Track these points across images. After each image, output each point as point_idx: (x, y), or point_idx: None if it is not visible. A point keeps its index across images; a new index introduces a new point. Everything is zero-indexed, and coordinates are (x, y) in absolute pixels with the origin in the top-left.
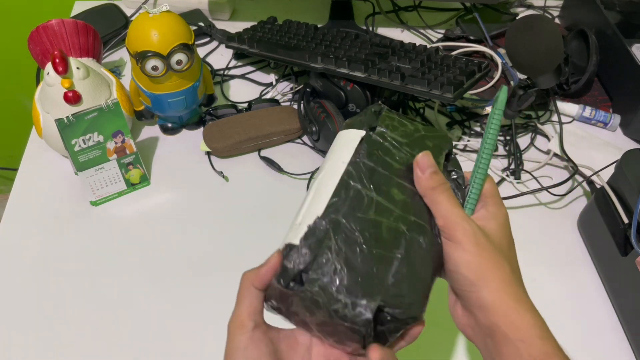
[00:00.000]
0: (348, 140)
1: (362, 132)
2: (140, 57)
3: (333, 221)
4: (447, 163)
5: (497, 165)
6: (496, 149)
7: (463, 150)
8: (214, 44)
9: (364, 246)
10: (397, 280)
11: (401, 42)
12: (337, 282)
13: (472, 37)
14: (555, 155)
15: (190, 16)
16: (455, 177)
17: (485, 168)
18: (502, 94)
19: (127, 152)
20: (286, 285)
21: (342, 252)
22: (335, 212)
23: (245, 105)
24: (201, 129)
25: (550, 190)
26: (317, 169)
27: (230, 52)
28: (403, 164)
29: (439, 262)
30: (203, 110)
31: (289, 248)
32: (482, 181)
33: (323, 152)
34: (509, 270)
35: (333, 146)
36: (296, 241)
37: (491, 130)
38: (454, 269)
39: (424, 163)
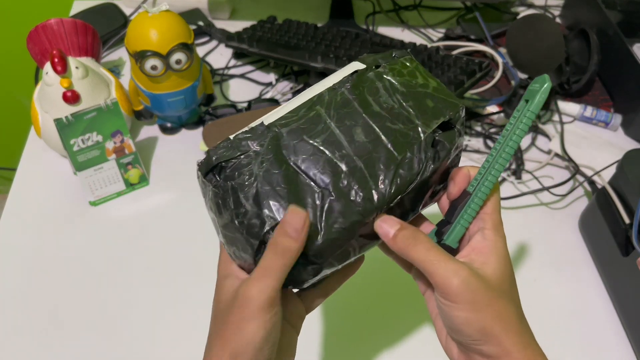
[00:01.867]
0: (345, 70)
1: (362, 66)
2: (139, 57)
3: (275, 132)
4: (441, 132)
5: None
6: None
7: (464, 150)
8: (214, 43)
9: (291, 168)
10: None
11: (401, 41)
12: (248, 188)
13: (472, 37)
14: (556, 155)
15: (190, 15)
16: (439, 149)
17: (496, 176)
18: (543, 93)
19: (126, 152)
20: (204, 174)
21: (265, 164)
22: (284, 125)
23: (245, 104)
24: (200, 129)
25: (551, 190)
26: None
27: (229, 51)
28: (385, 110)
29: (363, 226)
30: (202, 110)
31: (224, 140)
32: (488, 190)
33: None
34: (513, 316)
35: (333, 73)
36: (231, 137)
37: (514, 137)
38: (453, 327)
39: (385, 227)
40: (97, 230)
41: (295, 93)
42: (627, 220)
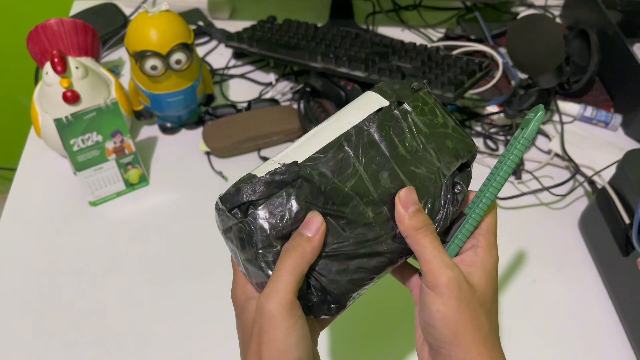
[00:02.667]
0: (367, 103)
1: (385, 102)
2: (139, 57)
3: (306, 174)
4: (458, 173)
5: None
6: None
7: None
8: (214, 43)
9: (321, 212)
10: (334, 258)
11: (401, 41)
12: (279, 228)
13: (473, 37)
14: (556, 155)
15: (190, 15)
16: (457, 192)
17: (491, 199)
18: (536, 121)
19: (126, 152)
20: (229, 209)
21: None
22: (314, 167)
23: (245, 104)
24: (200, 129)
25: (551, 190)
26: None
27: (229, 51)
28: (409, 152)
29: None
30: (202, 110)
31: (250, 176)
32: (482, 212)
33: None
34: (487, 329)
35: (352, 102)
36: (261, 174)
37: (508, 162)
38: (430, 322)
39: (407, 200)
40: (97, 230)
41: (295, 93)
42: (627, 220)
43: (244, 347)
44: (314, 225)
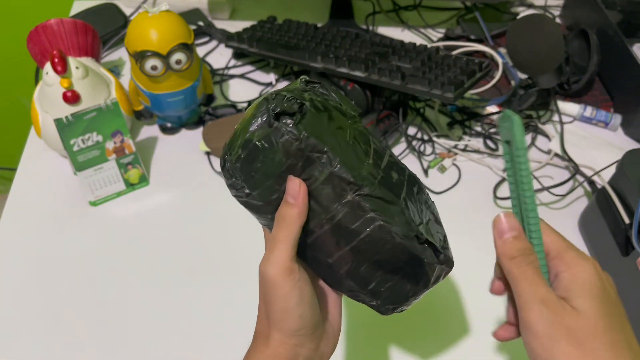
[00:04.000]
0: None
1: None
2: (139, 57)
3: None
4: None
5: (498, 165)
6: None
7: (464, 150)
8: (214, 43)
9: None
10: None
11: (401, 41)
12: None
13: (472, 37)
14: (556, 155)
15: (190, 15)
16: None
17: (537, 219)
18: (518, 128)
19: (126, 152)
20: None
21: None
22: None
23: (245, 104)
24: (200, 129)
25: (551, 190)
26: None
27: (229, 51)
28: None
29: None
30: (202, 110)
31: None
32: (540, 236)
33: None
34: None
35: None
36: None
37: (525, 180)
38: (528, 354)
39: (502, 227)
40: (97, 230)
41: None
42: (627, 220)
43: (258, 308)
44: (293, 190)
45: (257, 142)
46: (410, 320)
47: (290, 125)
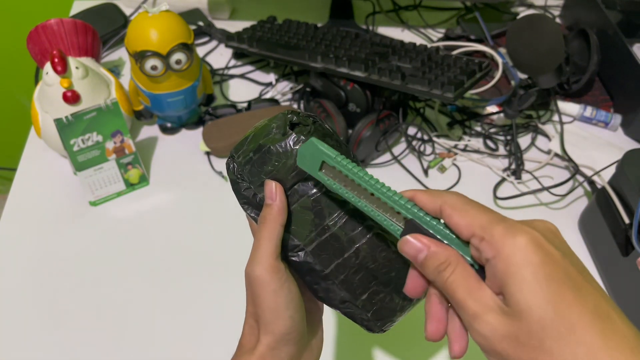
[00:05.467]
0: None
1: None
2: (139, 57)
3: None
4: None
5: (498, 165)
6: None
7: (464, 150)
8: (214, 43)
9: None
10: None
11: (401, 41)
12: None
13: (472, 37)
14: (556, 155)
15: (190, 15)
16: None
17: (428, 216)
18: (319, 144)
19: (126, 152)
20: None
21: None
22: None
23: (245, 104)
24: (200, 129)
25: (551, 190)
26: None
27: (229, 51)
28: None
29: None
30: (202, 110)
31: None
32: (436, 222)
33: None
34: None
35: None
36: None
37: (372, 180)
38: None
39: (407, 248)
40: (97, 230)
41: (295, 93)
42: (627, 220)
43: (246, 310)
44: (270, 192)
45: (271, 147)
46: (399, 328)
47: (306, 133)
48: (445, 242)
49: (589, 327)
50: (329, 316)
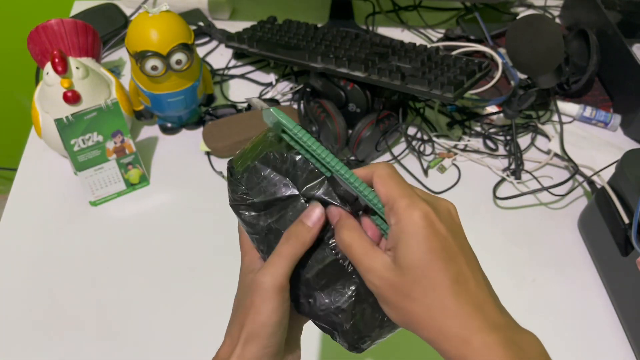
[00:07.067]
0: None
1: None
2: (139, 57)
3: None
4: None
5: (498, 165)
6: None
7: (463, 150)
8: (214, 43)
9: None
10: None
11: (401, 41)
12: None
13: (472, 37)
14: (556, 155)
15: (190, 16)
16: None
17: (354, 177)
18: (279, 114)
19: (127, 152)
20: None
21: None
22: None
23: (245, 105)
24: (201, 129)
25: (550, 190)
26: None
27: (229, 51)
28: None
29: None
30: (202, 110)
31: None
32: (365, 190)
33: None
34: (436, 308)
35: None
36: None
37: (315, 146)
38: None
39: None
40: (97, 230)
41: (295, 93)
42: (626, 220)
43: (233, 313)
44: (314, 215)
45: (269, 153)
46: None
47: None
48: (356, 192)
49: (446, 288)
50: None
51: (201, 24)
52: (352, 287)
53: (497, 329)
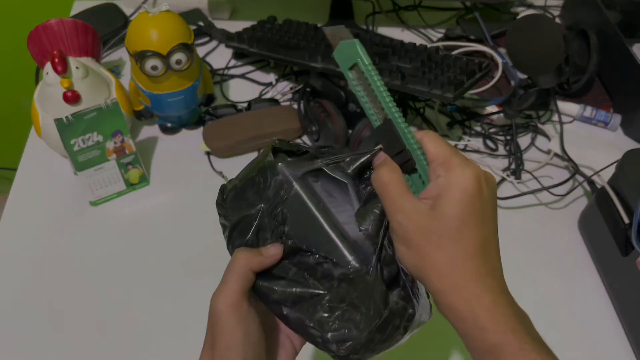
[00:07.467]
0: None
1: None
2: (139, 57)
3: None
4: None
5: (498, 165)
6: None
7: (464, 150)
8: (214, 43)
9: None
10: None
11: (401, 41)
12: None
13: (472, 37)
14: (556, 155)
15: (190, 16)
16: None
17: (408, 128)
18: (361, 48)
19: (127, 152)
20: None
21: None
22: None
23: (245, 105)
24: (201, 129)
25: (550, 190)
26: None
27: (229, 51)
28: None
29: None
30: (202, 110)
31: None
32: (416, 144)
33: None
34: (450, 259)
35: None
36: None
37: (384, 93)
38: (397, 257)
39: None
40: (97, 230)
41: (295, 93)
42: (626, 220)
43: (204, 341)
44: (272, 252)
45: (254, 175)
46: None
47: (285, 160)
48: (406, 143)
49: (474, 246)
50: None
51: (201, 24)
52: (327, 297)
53: (505, 293)
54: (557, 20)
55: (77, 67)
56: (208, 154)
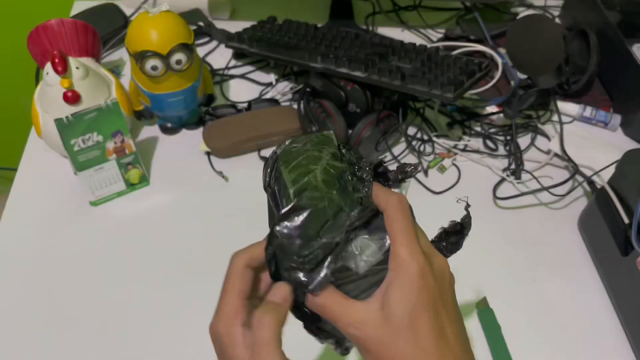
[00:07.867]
0: None
1: None
2: (139, 57)
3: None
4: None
5: (498, 165)
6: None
7: (463, 150)
8: (214, 43)
9: None
10: None
11: (401, 41)
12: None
13: (472, 37)
14: (556, 155)
15: (190, 16)
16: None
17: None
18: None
19: (127, 152)
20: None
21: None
22: None
23: (245, 105)
24: (201, 129)
25: (550, 190)
26: None
27: (229, 51)
28: None
29: None
30: (203, 110)
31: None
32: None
33: None
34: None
35: None
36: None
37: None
38: None
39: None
40: (97, 230)
41: (295, 93)
42: (626, 220)
43: None
44: (282, 293)
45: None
46: None
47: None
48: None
49: (430, 341)
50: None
51: (201, 24)
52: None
53: None
54: (557, 20)
55: (77, 67)
56: (208, 154)
